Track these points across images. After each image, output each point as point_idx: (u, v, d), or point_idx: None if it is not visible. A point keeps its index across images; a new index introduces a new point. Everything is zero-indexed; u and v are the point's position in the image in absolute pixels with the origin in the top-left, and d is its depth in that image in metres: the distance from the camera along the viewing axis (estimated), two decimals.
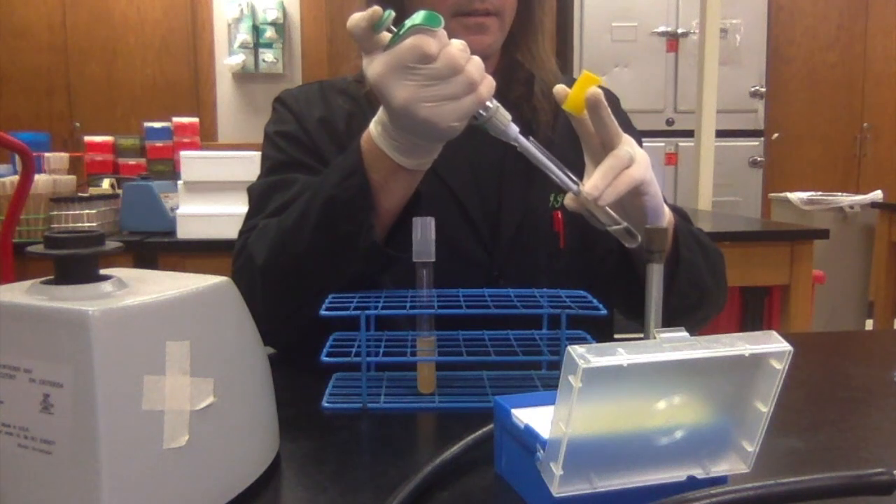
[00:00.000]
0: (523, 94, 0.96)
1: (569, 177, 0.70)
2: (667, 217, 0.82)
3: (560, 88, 0.73)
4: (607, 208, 0.71)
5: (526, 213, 0.94)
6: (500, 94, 0.96)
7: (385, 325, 0.76)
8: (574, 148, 0.98)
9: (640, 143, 1.05)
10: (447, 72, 0.63)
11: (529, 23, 0.96)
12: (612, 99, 1.05)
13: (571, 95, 0.72)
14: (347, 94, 0.96)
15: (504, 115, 0.68)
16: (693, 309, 0.92)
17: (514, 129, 0.69)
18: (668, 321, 0.58)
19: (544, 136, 0.95)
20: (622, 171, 0.72)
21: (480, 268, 0.92)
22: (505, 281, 0.91)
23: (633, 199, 0.75)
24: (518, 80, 0.96)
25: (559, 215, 0.95)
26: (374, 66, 0.65)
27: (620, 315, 1.02)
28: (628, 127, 1.05)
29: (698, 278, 0.89)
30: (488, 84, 0.67)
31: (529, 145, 0.69)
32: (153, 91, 4.52)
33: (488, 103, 0.67)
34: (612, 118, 0.72)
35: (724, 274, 0.97)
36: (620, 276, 0.98)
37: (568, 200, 0.73)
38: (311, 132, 0.93)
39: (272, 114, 0.99)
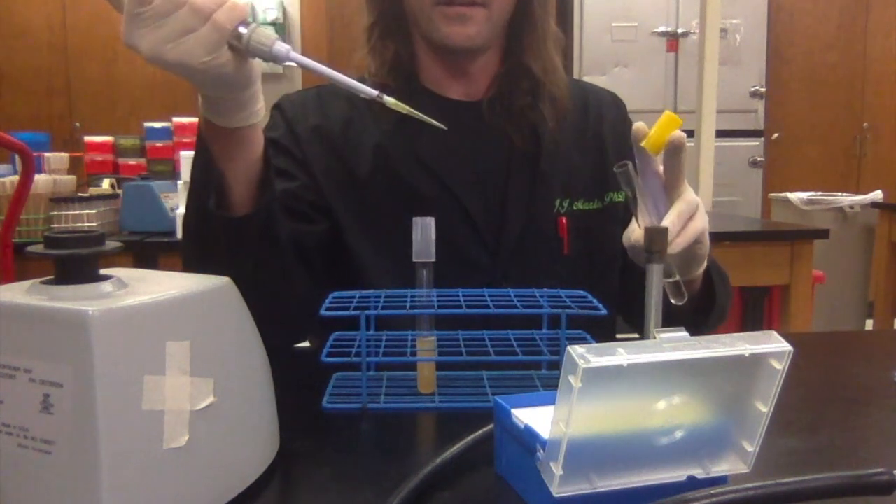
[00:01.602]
0: (529, 102, 0.95)
1: (368, 88, 0.64)
2: (706, 262, 0.82)
3: (640, 127, 0.72)
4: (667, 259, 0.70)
5: (530, 218, 0.94)
6: (504, 100, 0.96)
7: (385, 325, 0.76)
8: (581, 154, 0.98)
9: None
10: (168, 6, 0.59)
11: (531, 25, 0.95)
12: (620, 105, 1.05)
13: (652, 135, 0.71)
14: (346, 98, 0.95)
15: (265, 37, 0.61)
16: (713, 328, 0.95)
17: (283, 47, 0.62)
18: None
19: (551, 141, 0.95)
20: (689, 220, 0.72)
21: (484, 272, 0.92)
22: (508, 285, 0.91)
23: (689, 247, 0.74)
24: (523, 88, 0.95)
25: (563, 220, 0.94)
26: (122, 30, 0.61)
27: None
28: None
29: (724, 310, 0.92)
30: (228, 9, 0.60)
31: (308, 61, 0.64)
32: (153, 91, 4.52)
33: (241, 29, 0.61)
34: (684, 163, 0.73)
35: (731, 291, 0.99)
36: (627, 288, 0.98)
37: (635, 238, 0.72)
38: (302, 139, 0.92)
39: (269, 119, 0.98)
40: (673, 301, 0.71)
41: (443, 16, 0.87)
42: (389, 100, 0.63)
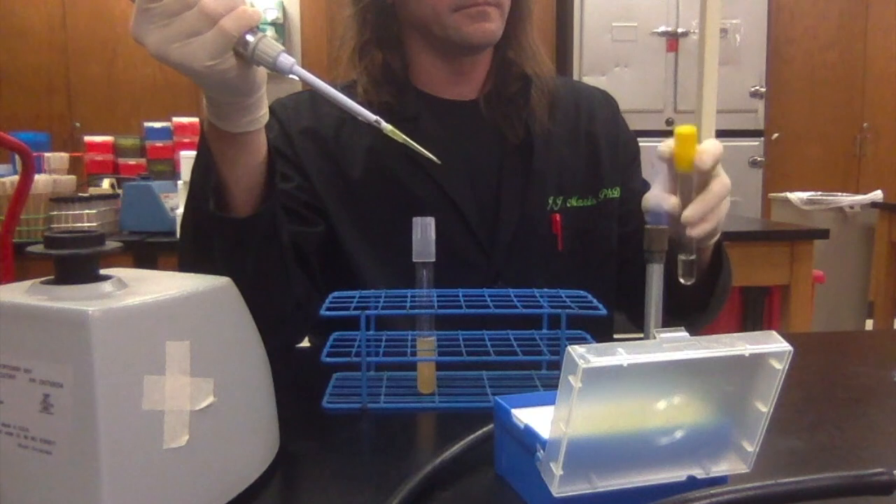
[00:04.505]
0: (519, 90, 0.96)
1: (367, 112, 0.64)
2: (718, 235, 0.83)
3: (662, 152, 0.73)
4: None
5: (524, 216, 0.94)
6: (496, 92, 0.96)
7: (385, 325, 0.76)
8: (574, 152, 0.98)
9: (637, 147, 1.05)
10: (178, 6, 0.59)
11: (518, 14, 0.96)
12: (611, 103, 1.05)
13: (677, 157, 0.73)
14: None
15: (270, 48, 0.61)
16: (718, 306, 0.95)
17: (288, 60, 0.62)
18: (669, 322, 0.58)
19: (543, 137, 0.95)
20: (718, 204, 0.74)
21: (478, 270, 0.92)
22: (503, 283, 0.91)
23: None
24: (513, 76, 0.96)
25: (557, 217, 0.95)
26: (131, 22, 0.61)
27: (622, 316, 1.03)
28: (628, 131, 1.05)
29: (726, 288, 0.93)
30: (236, 16, 0.60)
31: (312, 77, 0.64)
32: (153, 91, 4.52)
33: (248, 37, 0.61)
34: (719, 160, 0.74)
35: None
36: (628, 283, 0.98)
37: (653, 204, 0.73)
38: (294, 141, 0.93)
39: None
40: (682, 280, 0.72)
41: (465, 16, 0.88)
42: (387, 127, 0.63)
